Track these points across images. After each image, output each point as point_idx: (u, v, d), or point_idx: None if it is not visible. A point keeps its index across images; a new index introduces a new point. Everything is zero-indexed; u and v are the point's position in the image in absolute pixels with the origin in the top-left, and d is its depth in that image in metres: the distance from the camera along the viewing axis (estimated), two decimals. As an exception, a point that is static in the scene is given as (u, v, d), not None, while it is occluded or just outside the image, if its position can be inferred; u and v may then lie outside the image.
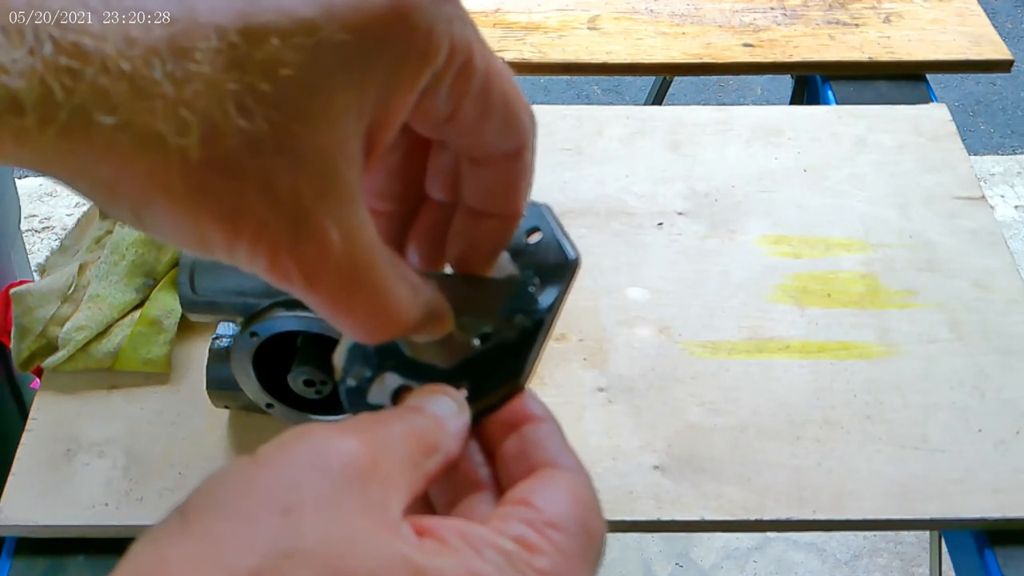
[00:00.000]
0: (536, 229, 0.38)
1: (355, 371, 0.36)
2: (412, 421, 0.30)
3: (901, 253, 0.79)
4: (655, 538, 1.54)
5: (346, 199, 0.27)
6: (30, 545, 0.64)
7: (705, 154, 0.88)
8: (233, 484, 0.25)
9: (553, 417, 0.33)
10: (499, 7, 1.05)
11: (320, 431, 0.27)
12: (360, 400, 0.35)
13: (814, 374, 0.71)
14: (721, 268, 0.78)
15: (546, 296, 0.36)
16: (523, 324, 0.35)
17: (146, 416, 0.69)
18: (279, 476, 0.25)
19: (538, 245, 0.37)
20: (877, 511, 0.64)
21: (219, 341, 0.65)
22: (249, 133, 0.24)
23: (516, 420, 0.33)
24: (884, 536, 1.54)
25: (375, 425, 0.29)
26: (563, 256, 0.37)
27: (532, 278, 0.36)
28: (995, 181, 2.15)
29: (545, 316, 0.35)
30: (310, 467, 0.26)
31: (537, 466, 0.31)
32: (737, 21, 1.03)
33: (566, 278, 0.37)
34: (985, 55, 0.99)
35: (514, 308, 0.36)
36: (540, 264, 0.37)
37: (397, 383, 0.35)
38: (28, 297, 0.72)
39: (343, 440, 0.27)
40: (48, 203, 2.08)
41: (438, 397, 0.32)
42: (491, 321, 0.35)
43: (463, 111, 0.29)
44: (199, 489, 0.26)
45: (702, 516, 0.64)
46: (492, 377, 0.34)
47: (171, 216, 0.25)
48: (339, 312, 0.29)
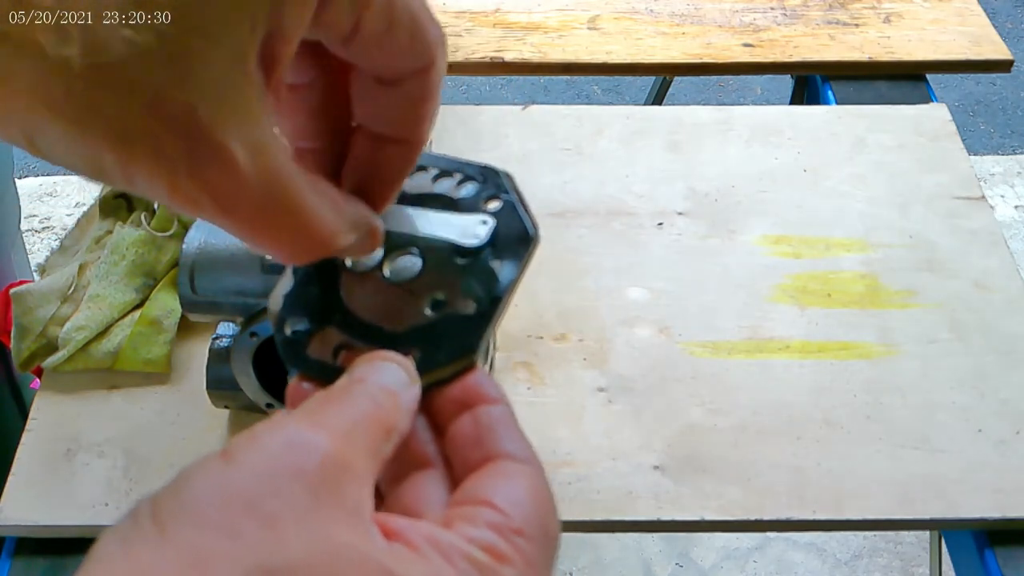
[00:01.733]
0: (495, 196, 0.36)
1: (293, 320, 0.35)
2: (371, 402, 0.29)
3: (901, 253, 0.79)
4: (655, 538, 1.54)
5: (248, 117, 0.26)
6: (30, 545, 0.64)
7: (705, 154, 0.88)
8: (208, 487, 0.25)
9: (507, 399, 0.32)
10: (499, 7, 1.05)
11: (291, 425, 0.27)
12: (298, 354, 0.34)
13: (814, 374, 0.71)
14: (721, 268, 0.78)
15: (505, 272, 0.34)
16: (479, 298, 0.34)
17: (146, 416, 0.69)
18: (256, 480, 0.25)
19: (497, 214, 0.35)
20: (877, 511, 0.64)
21: (219, 341, 0.65)
22: (136, 44, 0.23)
23: (468, 398, 0.32)
24: (884, 536, 1.54)
25: (337, 411, 0.28)
26: (523, 230, 0.35)
27: (490, 251, 0.35)
28: (995, 181, 2.15)
29: (503, 294, 0.34)
30: (286, 470, 0.25)
31: (493, 455, 0.30)
32: (737, 21, 1.03)
33: (524, 255, 0.35)
34: (985, 55, 0.99)
35: (472, 281, 0.34)
36: (497, 235, 0.35)
37: (340, 341, 0.34)
38: (28, 297, 0.72)
39: (315, 436, 0.27)
40: (48, 203, 2.08)
41: (388, 365, 0.31)
42: (445, 284, 0.34)
43: (366, 24, 0.29)
44: (170, 488, 0.25)
45: (702, 516, 0.64)
46: (443, 349, 0.33)
47: (62, 138, 0.24)
48: (258, 235, 0.28)
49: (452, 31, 1.01)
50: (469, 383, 0.32)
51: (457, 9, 1.04)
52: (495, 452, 0.30)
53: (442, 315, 0.33)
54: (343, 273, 0.35)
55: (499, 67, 0.99)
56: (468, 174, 0.37)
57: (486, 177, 0.36)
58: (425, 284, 0.34)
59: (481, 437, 0.31)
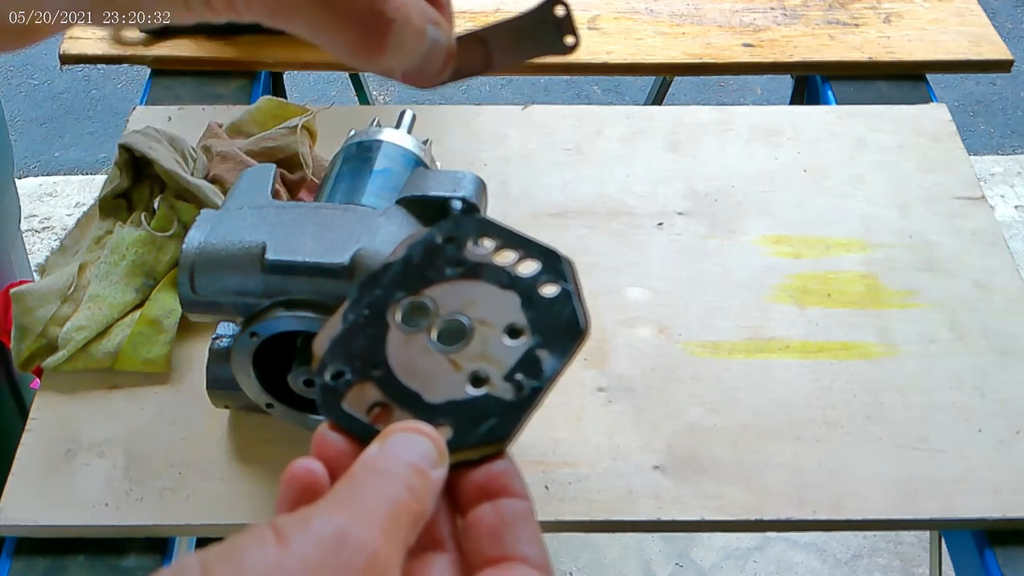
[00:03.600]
0: (553, 281, 0.36)
1: (334, 366, 0.35)
2: (407, 490, 0.30)
3: (901, 253, 0.79)
4: (655, 538, 1.54)
5: None
6: (30, 545, 0.64)
7: (705, 154, 0.88)
8: (260, 565, 0.26)
9: (530, 495, 0.32)
10: (499, 7, 1.05)
11: (340, 517, 0.28)
12: (334, 403, 0.34)
13: (814, 374, 0.71)
14: (721, 268, 0.78)
15: (549, 362, 0.34)
16: (520, 384, 0.34)
17: (146, 416, 0.69)
18: (306, 570, 0.26)
19: (552, 301, 0.36)
20: (877, 511, 0.64)
21: (219, 341, 0.65)
22: None
23: (492, 487, 0.32)
24: (884, 536, 1.54)
25: (378, 504, 0.29)
26: (574, 322, 0.35)
27: (538, 339, 0.35)
28: (995, 181, 2.15)
29: (545, 384, 0.34)
30: (336, 564, 0.27)
31: (509, 555, 0.30)
32: (737, 21, 1.03)
33: (572, 347, 0.35)
34: (985, 55, 0.99)
35: (515, 365, 0.34)
36: (548, 323, 0.35)
37: (376, 398, 0.34)
38: (28, 297, 0.72)
39: (365, 534, 0.28)
40: (48, 203, 2.08)
41: (421, 440, 0.31)
42: (488, 361, 0.34)
43: None
44: (221, 553, 0.26)
45: (702, 516, 0.64)
46: (476, 430, 0.33)
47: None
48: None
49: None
50: (495, 471, 0.32)
51: (457, 9, 1.04)
52: (513, 553, 0.31)
53: (480, 395, 0.34)
54: (391, 328, 0.36)
55: (499, 67, 0.98)
56: (530, 253, 0.37)
57: (547, 259, 0.36)
58: (469, 356, 0.35)
59: (500, 533, 0.31)
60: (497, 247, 0.37)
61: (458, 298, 0.36)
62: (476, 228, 0.38)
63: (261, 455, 0.66)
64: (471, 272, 0.37)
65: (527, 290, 0.36)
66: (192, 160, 0.79)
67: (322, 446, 0.33)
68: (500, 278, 0.36)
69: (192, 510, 0.64)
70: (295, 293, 0.58)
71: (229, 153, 0.80)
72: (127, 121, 0.90)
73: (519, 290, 0.36)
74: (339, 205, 0.62)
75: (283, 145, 0.81)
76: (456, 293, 0.36)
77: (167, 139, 0.78)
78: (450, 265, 0.37)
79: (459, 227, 0.38)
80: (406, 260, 0.37)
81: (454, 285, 0.36)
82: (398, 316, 0.36)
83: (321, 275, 0.57)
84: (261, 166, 0.67)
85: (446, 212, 0.62)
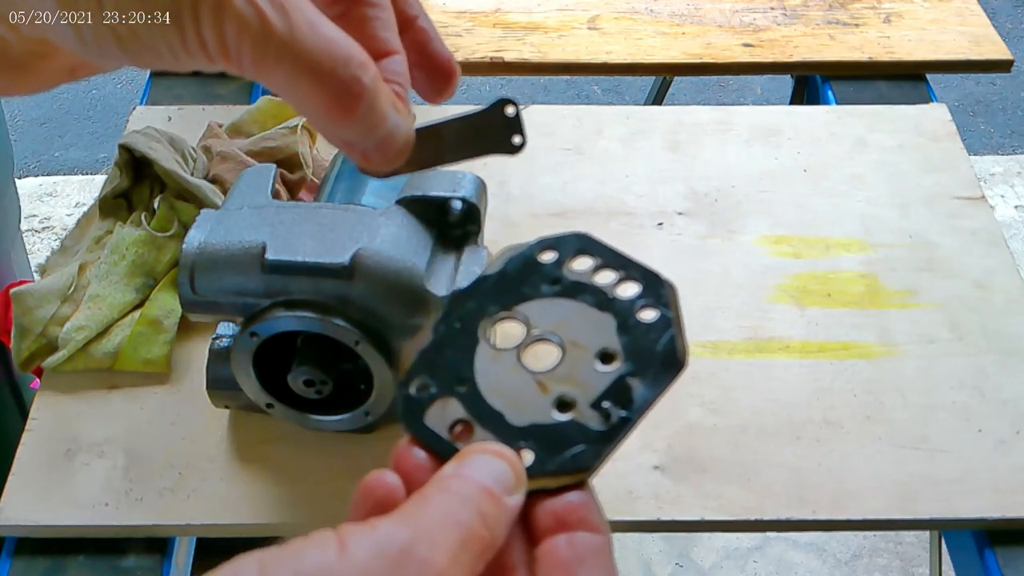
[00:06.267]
0: (653, 306, 0.35)
1: (420, 379, 0.34)
2: (479, 517, 0.29)
3: (901, 253, 0.79)
4: (655, 538, 1.54)
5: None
6: (30, 545, 0.64)
7: (705, 154, 0.88)
8: (319, 570, 0.26)
9: (608, 530, 0.31)
10: (499, 7, 1.05)
11: (407, 533, 0.27)
12: (416, 417, 0.33)
13: (814, 374, 0.71)
14: (721, 268, 0.78)
15: (640, 392, 0.33)
16: (609, 413, 0.32)
17: (146, 416, 0.69)
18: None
19: (649, 327, 0.34)
20: (877, 511, 0.64)
21: (219, 341, 0.65)
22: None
23: (569, 518, 0.31)
24: (884, 536, 1.54)
25: (448, 526, 0.28)
26: (671, 353, 0.34)
27: (631, 367, 0.33)
28: (995, 181, 2.15)
29: (635, 416, 0.33)
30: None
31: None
32: (737, 21, 1.03)
33: (667, 380, 0.33)
34: (985, 55, 0.99)
35: (605, 393, 0.33)
36: (642, 350, 0.34)
37: (459, 415, 0.33)
38: (28, 297, 0.72)
39: (430, 553, 0.27)
40: (48, 203, 2.08)
41: (499, 463, 0.31)
42: (577, 385, 0.33)
43: None
44: (281, 554, 0.26)
45: (702, 516, 0.64)
46: (558, 458, 0.31)
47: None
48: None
49: (452, 31, 1.01)
50: (573, 502, 0.31)
51: (457, 9, 1.04)
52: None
53: (566, 420, 0.32)
54: (481, 343, 0.35)
55: (499, 67, 0.98)
56: (631, 274, 0.36)
57: (648, 282, 0.35)
58: (557, 378, 0.33)
59: (574, 569, 0.30)
60: (597, 266, 0.36)
61: (552, 317, 0.35)
62: (577, 245, 0.36)
63: (261, 455, 0.66)
64: (568, 290, 0.35)
65: (623, 313, 0.34)
66: (192, 160, 0.79)
67: (401, 459, 0.33)
68: (597, 299, 0.35)
69: (192, 510, 0.64)
70: (295, 293, 0.58)
71: (229, 153, 0.80)
72: (127, 121, 0.90)
73: (615, 313, 0.34)
74: (339, 205, 0.62)
75: (283, 145, 0.81)
76: (550, 311, 0.35)
77: (167, 139, 0.78)
78: (547, 282, 0.36)
79: (560, 243, 0.37)
80: (502, 274, 0.36)
81: (549, 303, 0.35)
82: (489, 331, 0.35)
83: (321, 275, 0.57)
84: (261, 166, 0.67)
85: (446, 212, 0.62)
